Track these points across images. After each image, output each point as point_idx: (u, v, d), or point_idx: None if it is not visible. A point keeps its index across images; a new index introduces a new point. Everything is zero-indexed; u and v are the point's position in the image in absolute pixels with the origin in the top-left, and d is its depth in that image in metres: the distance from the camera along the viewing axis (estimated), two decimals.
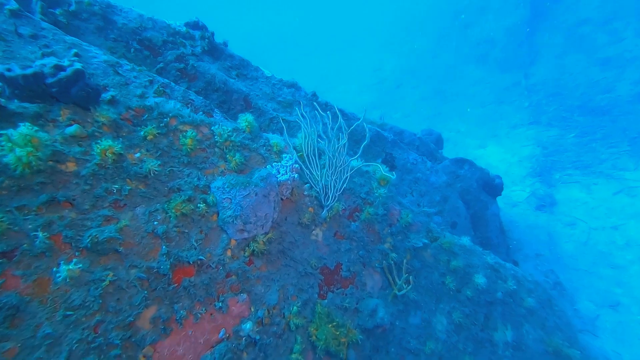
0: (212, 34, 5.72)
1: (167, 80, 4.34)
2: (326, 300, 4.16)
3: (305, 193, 4.27)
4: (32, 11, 3.66)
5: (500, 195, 9.53)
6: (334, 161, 3.72)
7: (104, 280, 2.61)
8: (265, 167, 3.90)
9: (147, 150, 3.19)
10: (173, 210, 3.08)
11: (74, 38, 3.62)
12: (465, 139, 16.37)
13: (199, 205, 3.29)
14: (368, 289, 4.74)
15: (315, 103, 5.60)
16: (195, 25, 5.65)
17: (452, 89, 19.97)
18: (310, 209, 4.23)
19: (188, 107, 3.92)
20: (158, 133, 3.27)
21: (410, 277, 4.52)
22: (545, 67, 17.11)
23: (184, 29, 5.39)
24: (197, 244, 3.21)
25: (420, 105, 20.09)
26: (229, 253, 3.40)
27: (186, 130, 3.44)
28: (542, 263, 9.88)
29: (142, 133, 3.15)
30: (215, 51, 5.72)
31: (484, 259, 5.74)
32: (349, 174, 3.86)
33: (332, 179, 3.84)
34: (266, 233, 3.60)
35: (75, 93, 2.63)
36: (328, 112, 4.08)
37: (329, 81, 27.06)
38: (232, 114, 5.49)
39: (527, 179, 12.49)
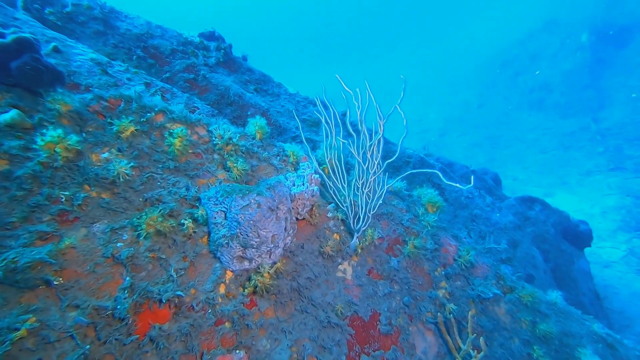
0: (230, 45, 5.42)
1: (168, 86, 3.90)
2: None
3: (329, 215, 3.44)
4: (15, 6, 3.43)
5: (590, 246, 7.84)
6: (364, 167, 2.92)
7: (18, 330, 1.84)
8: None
9: (120, 151, 2.59)
10: (145, 226, 2.35)
11: (56, 33, 3.29)
12: (525, 186, 15.21)
13: (183, 221, 2.57)
14: (418, 354, 3.61)
15: (347, 123, 4.96)
16: (211, 36, 5.39)
17: (505, 135, 19.60)
18: (335, 235, 3.37)
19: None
20: (137, 130, 2.69)
21: (482, 339, 3.37)
22: (620, 110, 16.31)
23: (198, 39, 5.11)
24: (176, 275, 2.43)
25: (470, 152, 19.57)
26: (221, 289, 2.58)
27: (175, 129, 2.83)
28: None
29: (115, 128, 2.57)
30: (232, 64, 5.37)
31: (588, 326, 4.23)
32: (385, 188, 3.02)
33: (362, 192, 3.01)
34: (274, 263, 2.76)
35: (19, 69, 2.11)
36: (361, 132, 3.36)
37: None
38: None
39: (619, 234, 10.74)
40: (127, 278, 2.26)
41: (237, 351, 2.46)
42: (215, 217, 2.58)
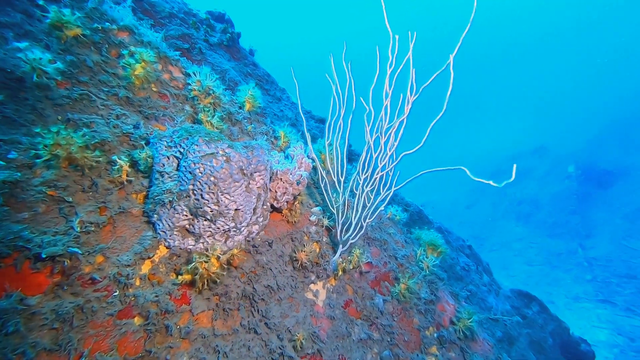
0: (238, 34, 4.99)
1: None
2: None
3: (312, 218, 2.74)
4: None
5: None
6: (374, 156, 2.31)
7: None
8: None
9: (48, 48, 1.90)
10: (51, 147, 1.61)
11: None
12: None
13: (115, 158, 1.83)
14: None
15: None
16: (220, 18, 4.97)
17: (491, 238, 20.03)
18: (315, 244, 2.64)
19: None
20: (84, 36, 2.03)
21: None
22: (606, 244, 16.84)
23: (204, 15, 4.67)
24: (80, 228, 1.64)
25: None
26: (144, 267, 1.78)
27: (140, 49, 2.19)
28: None
29: (49, 20, 1.90)
30: (236, 52, 4.89)
31: None
32: (392, 190, 2.39)
33: (362, 190, 2.37)
34: (229, 250, 2.00)
35: None
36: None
37: None
38: None
39: None
40: None
41: None
42: (163, 164, 1.85)
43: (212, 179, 1.78)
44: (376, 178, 2.35)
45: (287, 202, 2.46)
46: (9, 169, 1.55)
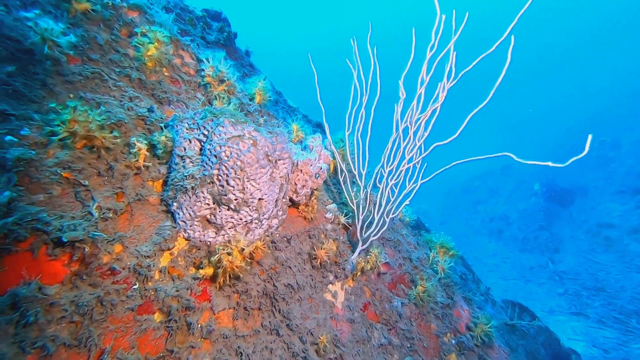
0: (235, 34, 4.98)
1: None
2: None
3: (328, 215, 2.70)
4: None
5: None
6: (402, 146, 2.30)
7: None
8: None
9: (55, 18, 1.84)
10: (68, 124, 1.54)
11: None
12: None
13: (133, 140, 1.76)
14: None
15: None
16: (216, 17, 4.94)
17: (467, 254, 20.72)
18: (332, 242, 2.59)
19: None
20: (94, 11, 1.98)
21: None
22: (573, 258, 17.88)
23: (201, 13, 4.64)
24: (99, 214, 1.56)
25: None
26: (164, 260, 1.70)
27: (154, 28, 2.15)
28: None
29: None
30: (233, 52, 4.87)
31: None
32: (419, 183, 2.38)
33: (386, 184, 2.34)
34: (251, 243, 1.94)
35: None
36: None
37: None
38: None
39: None
40: (7, 192, 1.37)
41: None
42: (184, 148, 1.79)
43: (238, 163, 1.72)
44: (402, 170, 2.33)
45: (305, 196, 2.42)
46: (22, 147, 1.47)
